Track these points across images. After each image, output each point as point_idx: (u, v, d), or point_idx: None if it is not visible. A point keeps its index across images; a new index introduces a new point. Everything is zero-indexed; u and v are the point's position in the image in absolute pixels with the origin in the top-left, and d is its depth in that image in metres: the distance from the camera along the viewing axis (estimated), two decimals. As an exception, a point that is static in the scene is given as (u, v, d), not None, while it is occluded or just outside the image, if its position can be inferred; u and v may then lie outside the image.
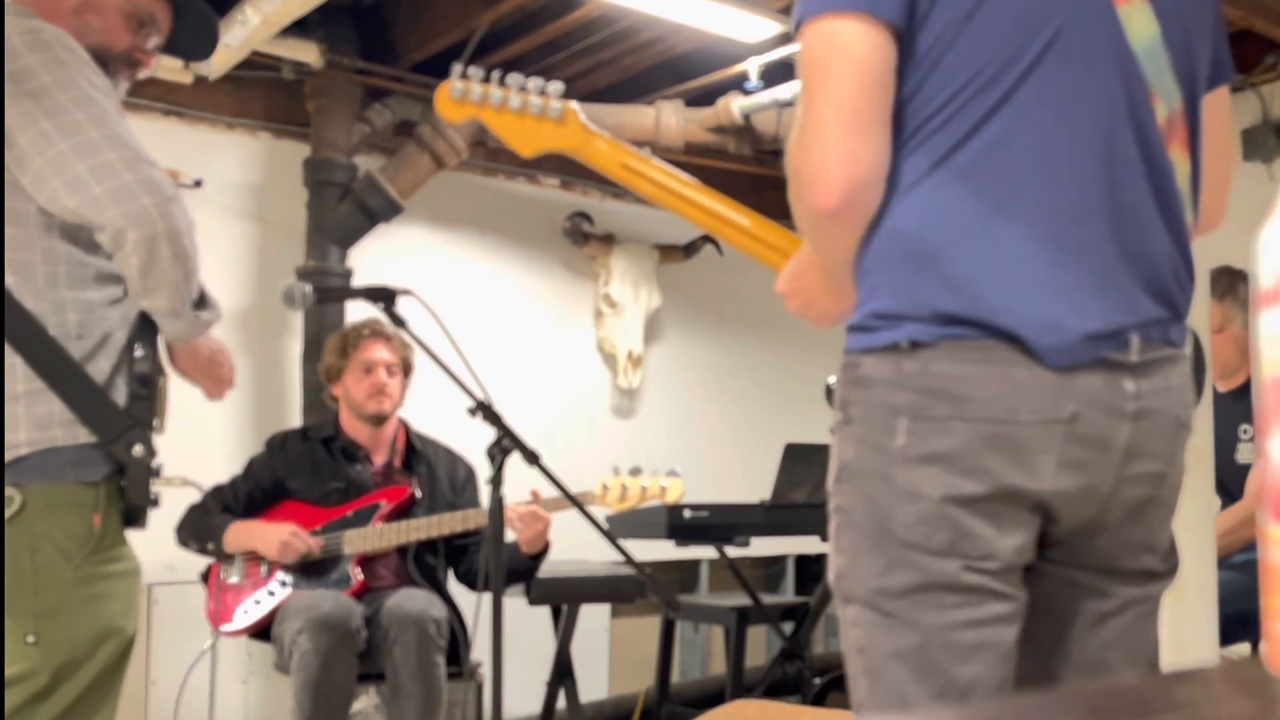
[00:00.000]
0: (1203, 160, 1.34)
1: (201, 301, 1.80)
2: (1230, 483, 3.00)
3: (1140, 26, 1.25)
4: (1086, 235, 1.21)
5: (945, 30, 1.20)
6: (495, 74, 1.68)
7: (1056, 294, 1.19)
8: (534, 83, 1.69)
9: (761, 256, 1.64)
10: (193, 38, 1.99)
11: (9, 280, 1.63)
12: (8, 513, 1.62)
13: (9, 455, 1.63)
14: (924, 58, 1.21)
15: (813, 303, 1.38)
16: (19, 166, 1.63)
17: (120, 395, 1.72)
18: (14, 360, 1.63)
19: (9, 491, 1.62)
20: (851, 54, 1.18)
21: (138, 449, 1.70)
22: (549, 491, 2.88)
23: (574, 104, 1.70)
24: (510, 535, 3.01)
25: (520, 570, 3.21)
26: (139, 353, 1.74)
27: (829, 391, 1.28)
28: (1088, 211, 1.21)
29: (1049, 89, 1.21)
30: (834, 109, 1.18)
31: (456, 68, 1.68)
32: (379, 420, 3.27)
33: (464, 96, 1.67)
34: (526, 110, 1.67)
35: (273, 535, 3.04)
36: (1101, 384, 1.20)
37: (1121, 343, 1.20)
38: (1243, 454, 3.07)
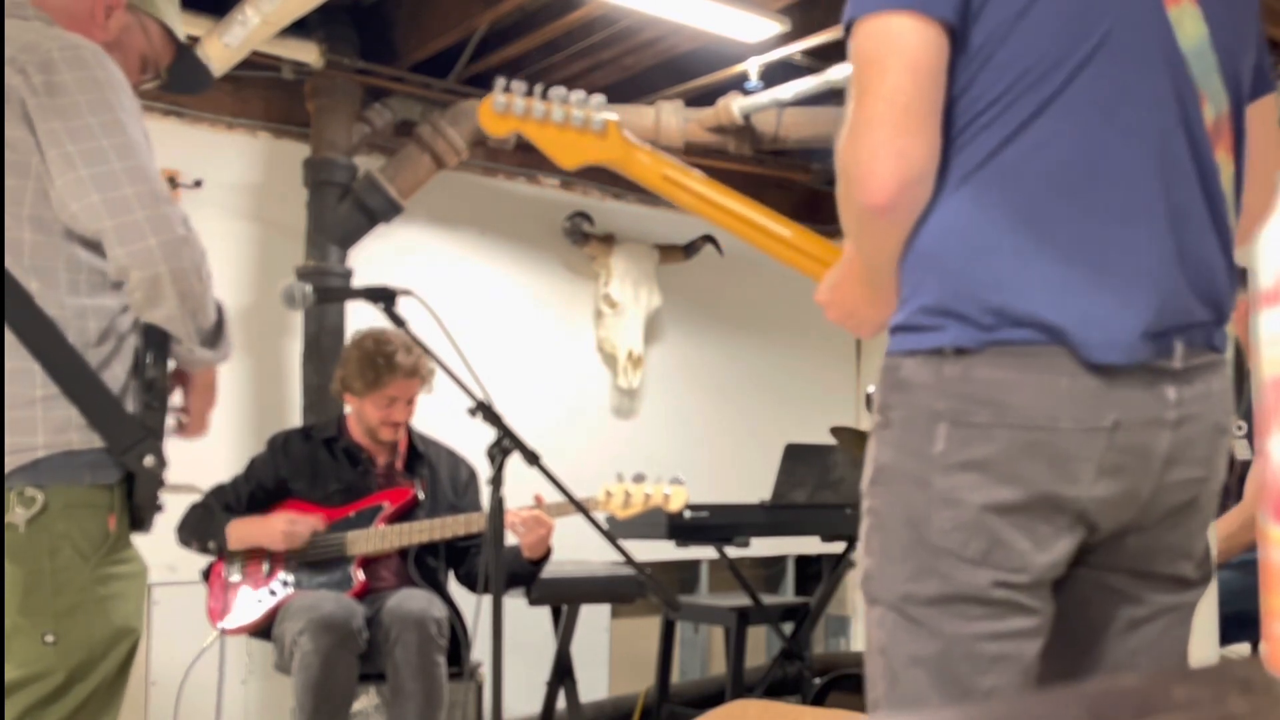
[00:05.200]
0: (1250, 165, 1.33)
1: (217, 335, 1.82)
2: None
3: (1190, 28, 1.24)
4: (1135, 235, 1.20)
5: (997, 27, 1.19)
6: (538, 88, 1.68)
7: (1102, 291, 1.18)
8: (575, 95, 1.69)
9: (803, 267, 1.62)
10: (183, 80, 2.06)
11: (34, 286, 1.66)
12: (30, 513, 1.64)
13: (26, 457, 1.65)
14: (975, 54, 1.20)
15: (853, 312, 1.37)
16: (48, 178, 1.66)
17: (134, 401, 1.74)
18: (33, 366, 1.66)
19: (30, 491, 1.64)
20: (904, 51, 1.17)
21: (149, 460, 1.72)
22: (550, 494, 2.87)
23: (615, 116, 1.69)
24: (512, 539, 3.01)
25: (521, 575, 3.20)
26: (149, 360, 1.76)
27: (869, 401, 1.28)
28: (1137, 211, 1.20)
29: (1098, 88, 1.20)
30: (886, 105, 1.17)
31: (500, 81, 1.68)
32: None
33: (507, 110, 1.67)
34: (569, 124, 1.67)
35: (273, 529, 3.04)
36: (1144, 392, 1.19)
37: (1166, 349, 1.19)
38: (1237, 450, 3.06)
